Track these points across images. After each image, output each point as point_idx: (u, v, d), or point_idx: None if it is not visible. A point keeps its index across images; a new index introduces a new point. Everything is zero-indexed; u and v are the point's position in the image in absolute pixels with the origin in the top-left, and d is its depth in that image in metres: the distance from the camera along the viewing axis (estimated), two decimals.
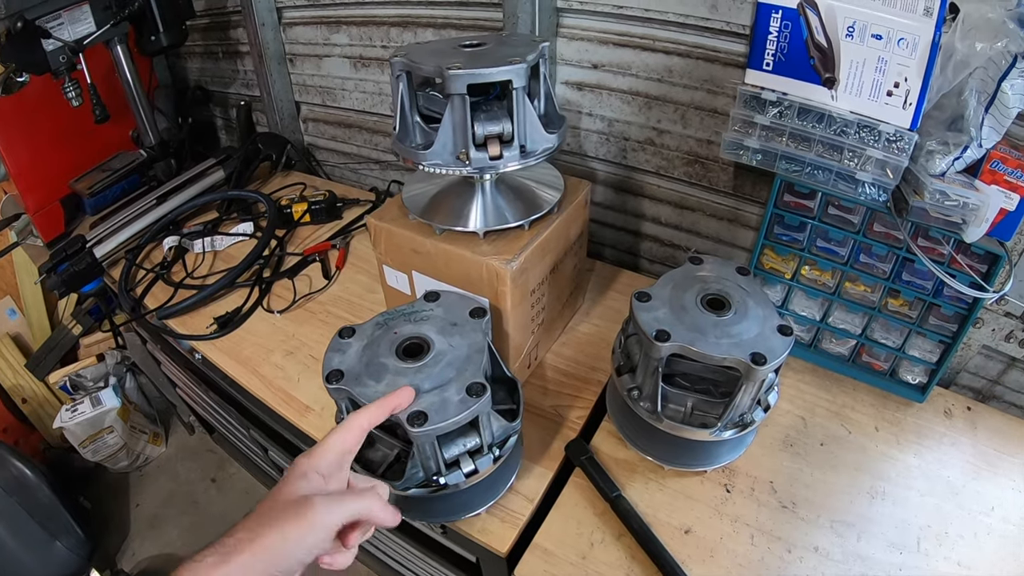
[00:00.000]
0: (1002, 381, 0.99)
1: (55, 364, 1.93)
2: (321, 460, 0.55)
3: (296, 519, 0.49)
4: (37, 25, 1.17)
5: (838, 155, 0.82)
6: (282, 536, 0.48)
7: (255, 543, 0.47)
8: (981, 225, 0.75)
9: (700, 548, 0.77)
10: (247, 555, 0.46)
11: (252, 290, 1.21)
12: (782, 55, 0.83)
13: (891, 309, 0.92)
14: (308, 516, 0.49)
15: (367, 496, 0.55)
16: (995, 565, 0.75)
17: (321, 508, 0.50)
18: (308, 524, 0.49)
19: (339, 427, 0.58)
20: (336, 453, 0.56)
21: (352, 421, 0.59)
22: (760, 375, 0.67)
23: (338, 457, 0.57)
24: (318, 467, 0.54)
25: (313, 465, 0.54)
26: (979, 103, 0.72)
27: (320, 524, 0.50)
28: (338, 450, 0.57)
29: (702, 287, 0.77)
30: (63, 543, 1.59)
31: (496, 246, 0.83)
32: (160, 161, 1.55)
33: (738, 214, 1.11)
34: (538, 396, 0.97)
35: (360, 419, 0.59)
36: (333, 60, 1.50)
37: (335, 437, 0.57)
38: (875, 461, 0.87)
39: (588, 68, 1.11)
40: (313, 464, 0.54)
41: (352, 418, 0.59)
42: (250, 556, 0.46)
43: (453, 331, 0.75)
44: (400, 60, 0.76)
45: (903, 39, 0.74)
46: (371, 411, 0.61)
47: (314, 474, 0.54)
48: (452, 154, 0.78)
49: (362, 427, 0.59)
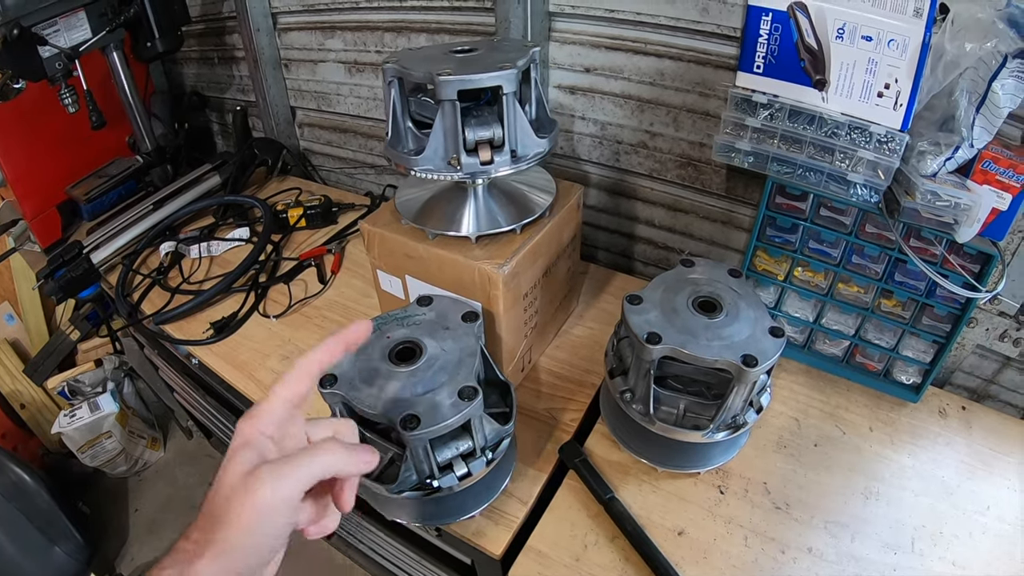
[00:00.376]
0: (997, 380, 0.99)
1: (53, 369, 1.93)
2: (265, 419, 0.46)
3: (245, 503, 0.41)
4: (33, 32, 1.17)
5: (829, 157, 0.82)
6: (235, 530, 0.40)
7: (211, 545, 0.40)
8: (973, 225, 0.75)
9: (694, 550, 0.77)
10: (205, 560, 0.40)
11: (248, 295, 1.22)
12: (773, 57, 0.84)
13: (884, 310, 0.93)
14: (257, 495, 0.41)
15: (324, 448, 0.45)
16: (990, 564, 0.75)
17: (269, 480, 0.42)
18: (260, 506, 0.41)
19: (283, 375, 0.48)
20: (283, 406, 0.47)
21: (301, 363, 0.49)
22: (751, 377, 0.67)
23: (286, 410, 0.47)
24: (263, 428, 0.45)
25: (258, 428, 0.45)
26: (970, 103, 0.72)
27: (274, 501, 0.41)
28: (285, 402, 0.47)
29: (694, 289, 0.78)
30: (62, 548, 1.59)
31: (488, 250, 0.83)
32: (156, 167, 1.55)
33: (731, 216, 1.11)
34: (532, 399, 0.97)
35: (308, 361, 0.49)
36: (328, 65, 1.51)
37: (279, 388, 0.47)
38: (869, 461, 0.87)
39: (580, 72, 1.12)
40: (257, 426, 0.45)
41: (299, 362, 0.49)
42: (208, 560, 0.40)
43: (446, 335, 0.75)
44: (392, 66, 0.77)
45: (893, 40, 0.74)
46: (321, 349, 0.50)
47: (260, 437, 0.45)
48: (443, 159, 0.78)
49: (310, 371, 0.49)
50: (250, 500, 0.41)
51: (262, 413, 0.46)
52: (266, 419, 0.46)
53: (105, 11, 1.29)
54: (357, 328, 0.52)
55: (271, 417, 0.46)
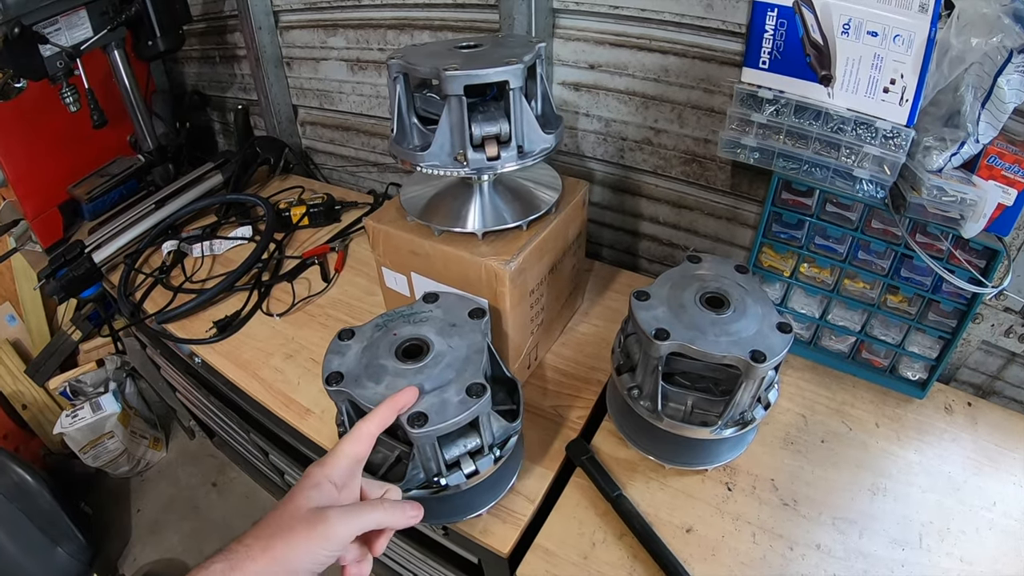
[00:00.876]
0: (1002, 376, 0.99)
1: (55, 370, 1.93)
2: (334, 469, 0.55)
3: (309, 531, 0.49)
4: (34, 31, 1.17)
5: (835, 152, 0.82)
6: (294, 548, 0.48)
7: (266, 552, 0.47)
8: (979, 220, 0.75)
9: (702, 547, 0.77)
10: (257, 564, 0.46)
11: (251, 294, 1.21)
12: (778, 53, 0.83)
13: (890, 306, 0.92)
14: (322, 529, 0.49)
15: (381, 506, 0.55)
16: (997, 560, 0.75)
17: (336, 522, 0.50)
18: (322, 537, 0.49)
19: (349, 435, 0.58)
20: (348, 461, 0.56)
21: (361, 429, 0.59)
22: (760, 373, 0.67)
23: (350, 465, 0.56)
24: (331, 476, 0.54)
25: (326, 475, 0.54)
26: (975, 99, 0.72)
27: (334, 538, 0.50)
28: (350, 458, 0.57)
29: (701, 285, 0.77)
30: (64, 549, 1.59)
31: (495, 247, 0.83)
32: (158, 166, 1.55)
33: (736, 212, 1.11)
34: (538, 396, 0.97)
35: (369, 425, 0.59)
36: (330, 63, 1.50)
37: (346, 446, 0.57)
38: (876, 458, 0.87)
39: (585, 69, 1.11)
40: (326, 473, 0.54)
41: (361, 425, 0.59)
42: (260, 566, 0.46)
43: (452, 332, 0.75)
44: (397, 62, 0.76)
45: (899, 36, 0.74)
46: (378, 415, 0.60)
47: (327, 484, 0.54)
48: (450, 155, 0.78)
49: (371, 433, 0.59)
50: (316, 528, 0.49)
51: (331, 463, 0.55)
52: (334, 469, 0.55)
53: (106, 9, 1.29)
54: (407, 394, 0.64)
55: (337, 469, 0.55)
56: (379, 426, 0.60)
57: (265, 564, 0.46)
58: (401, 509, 0.56)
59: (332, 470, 0.55)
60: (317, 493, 0.52)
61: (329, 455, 0.56)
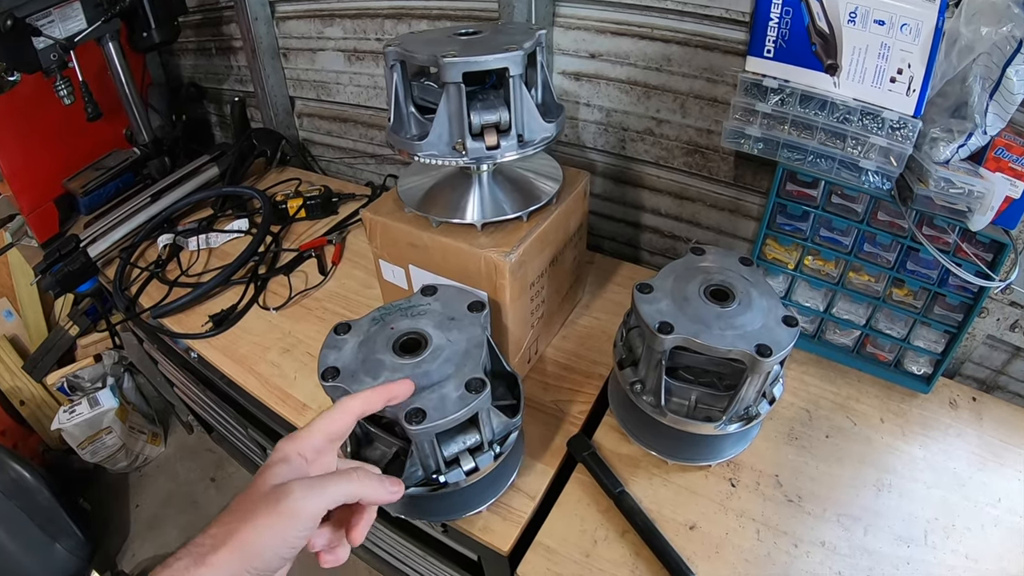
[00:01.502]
0: (1007, 371, 0.98)
1: (52, 365, 1.92)
2: (305, 442, 0.50)
3: (272, 509, 0.44)
4: (27, 23, 1.15)
5: (841, 143, 0.81)
6: (259, 531, 0.43)
7: (230, 540, 0.43)
8: (986, 213, 0.74)
9: (706, 544, 0.76)
10: (221, 554, 0.42)
11: (247, 287, 1.20)
12: (783, 42, 0.82)
13: (896, 299, 0.91)
14: (285, 504, 0.44)
15: (353, 475, 0.49)
16: (1002, 557, 0.74)
17: (299, 494, 0.45)
18: (288, 515, 0.44)
19: (329, 410, 0.53)
20: (322, 436, 0.51)
21: (344, 404, 0.53)
22: (766, 367, 0.66)
23: (324, 440, 0.51)
24: (301, 449, 0.49)
25: (296, 448, 0.49)
26: (983, 89, 0.71)
27: (299, 512, 0.44)
28: (325, 433, 0.51)
29: (705, 278, 0.76)
30: (63, 545, 1.58)
31: (494, 238, 0.82)
32: (154, 159, 1.53)
33: (739, 204, 1.10)
34: (539, 391, 0.95)
35: (353, 403, 0.54)
36: (327, 54, 1.49)
37: (323, 420, 0.52)
38: (881, 453, 0.86)
39: (586, 58, 1.10)
40: (296, 447, 0.49)
41: (344, 401, 0.54)
42: (225, 554, 0.42)
43: (451, 326, 0.73)
44: (394, 49, 0.75)
45: (906, 25, 0.73)
46: (365, 397, 0.55)
47: (296, 456, 0.49)
48: (448, 144, 0.76)
49: (354, 412, 0.54)
50: (277, 507, 0.44)
51: (302, 437, 0.50)
52: (305, 442, 0.50)
53: (100, 1, 1.27)
54: (402, 385, 0.60)
55: (309, 442, 0.50)
56: (363, 408, 0.55)
57: (230, 553, 0.42)
58: (378, 480, 0.51)
59: (303, 443, 0.50)
60: (285, 467, 0.47)
61: (302, 428, 0.51)
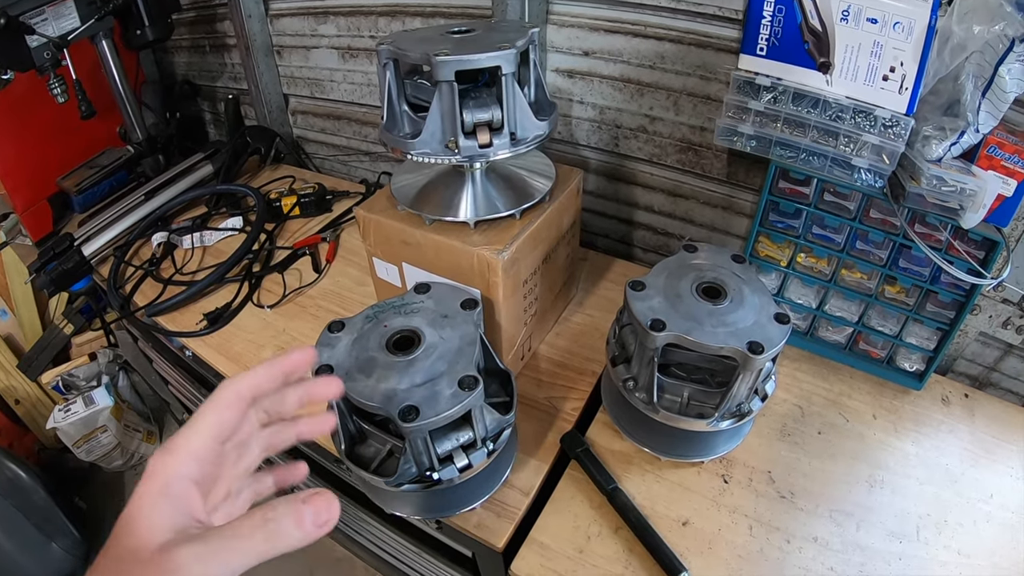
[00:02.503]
0: (999, 368, 0.99)
1: (47, 364, 1.91)
2: (187, 460, 0.36)
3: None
4: (20, 21, 1.14)
5: (834, 141, 0.81)
6: None
7: None
8: (978, 211, 0.74)
9: (698, 540, 0.76)
10: None
11: (242, 285, 1.20)
12: (776, 40, 0.82)
13: (888, 296, 0.92)
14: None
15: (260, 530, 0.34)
16: (995, 552, 0.75)
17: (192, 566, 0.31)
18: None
19: (207, 402, 0.39)
20: (209, 442, 0.38)
21: (228, 389, 0.40)
22: (758, 364, 0.66)
23: (214, 448, 0.38)
24: (186, 472, 0.36)
25: (176, 469, 0.35)
26: (976, 88, 0.71)
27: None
28: (211, 435, 0.38)
29: (697, 275, 0.76)
30: (59, 544, 1.57)
31: (487, 236, 0.82)
32: (148, 157, 1.52)
33: (732, 202, 1.10)
34: (532, 388, 0.96)
35: (239, 385, 0.41)
36: (321, 51, 1.48)
37: (204, 416, 0.38)
38: (873, 449, 0.86)
39: (579, 55, 1.10)
40: (175, 470, 0.35)
41: (227, 385, 0.41)
42: None
43: (444, 323, 0.73)
44: (387, 48, 0.75)
45: (899, 23, 0.73)
46: (254, 374, 0.42)
47: (180, 484, 0.35)
48: (441, 143, 0.76)
49: (241, 396, 0.41)
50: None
51: (179, 449, 0.36)
52: (187, 460, 0.36)
53: None
54: (299, 355, 0.45)
55: (194, 458, 0.37)
56: (253, 389, 0.42)
57: None
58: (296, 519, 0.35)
59: (183, 462, 0.36)
60: (167, 507, 0.34)
61: (178, 433, 0.38)
